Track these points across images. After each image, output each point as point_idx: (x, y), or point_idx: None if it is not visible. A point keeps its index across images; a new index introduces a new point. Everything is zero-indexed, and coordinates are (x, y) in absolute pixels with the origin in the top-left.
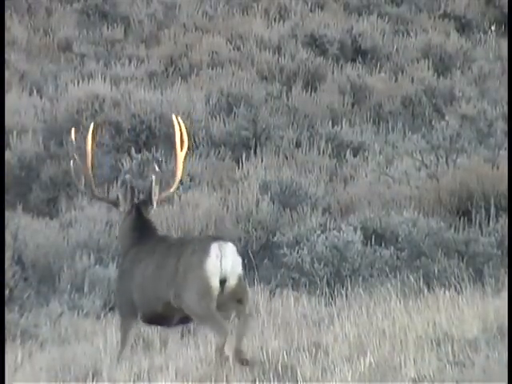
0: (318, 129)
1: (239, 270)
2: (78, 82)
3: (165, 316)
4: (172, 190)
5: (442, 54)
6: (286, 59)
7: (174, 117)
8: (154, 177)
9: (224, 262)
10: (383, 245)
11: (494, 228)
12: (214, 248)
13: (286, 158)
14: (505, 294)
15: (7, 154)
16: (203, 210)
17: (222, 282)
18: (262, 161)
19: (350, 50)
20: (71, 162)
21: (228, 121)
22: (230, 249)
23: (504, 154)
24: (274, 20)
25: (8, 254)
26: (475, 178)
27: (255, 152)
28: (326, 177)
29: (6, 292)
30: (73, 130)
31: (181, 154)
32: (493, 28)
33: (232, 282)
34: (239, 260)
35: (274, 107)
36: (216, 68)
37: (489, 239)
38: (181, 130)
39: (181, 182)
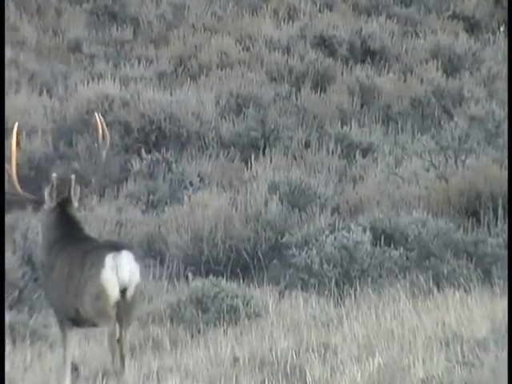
0: (327, 129)
1: (137, 277)
2: (88, 83)
3: (80, 320)
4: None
5: (450, 54)
6: (295, 60)
7: (96, 115)
8: (73, 176)
9: (120, 272)
10: (392, 245)
11: (502, 229)
12: (109, 259)
13: (295, 159)
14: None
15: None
16: (212, 210)
17: (123, 291)
18: (270, 161)
19: (359, 50)
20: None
21: (237, 121)
22: (126, 258)
23: None
24: (283, 21)
25: (18, 255)
26: (483, 179)
27: (264, 152)
28: (335, 177)
29: (16, 293)
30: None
31: (103, 152)
32: (501, 29)
33: (131, 290)
34: (137, 267)
35: (282, 108)
36: (225, 69)
37: (497, 240)
38: (102, 127)
39: (191, 183)
